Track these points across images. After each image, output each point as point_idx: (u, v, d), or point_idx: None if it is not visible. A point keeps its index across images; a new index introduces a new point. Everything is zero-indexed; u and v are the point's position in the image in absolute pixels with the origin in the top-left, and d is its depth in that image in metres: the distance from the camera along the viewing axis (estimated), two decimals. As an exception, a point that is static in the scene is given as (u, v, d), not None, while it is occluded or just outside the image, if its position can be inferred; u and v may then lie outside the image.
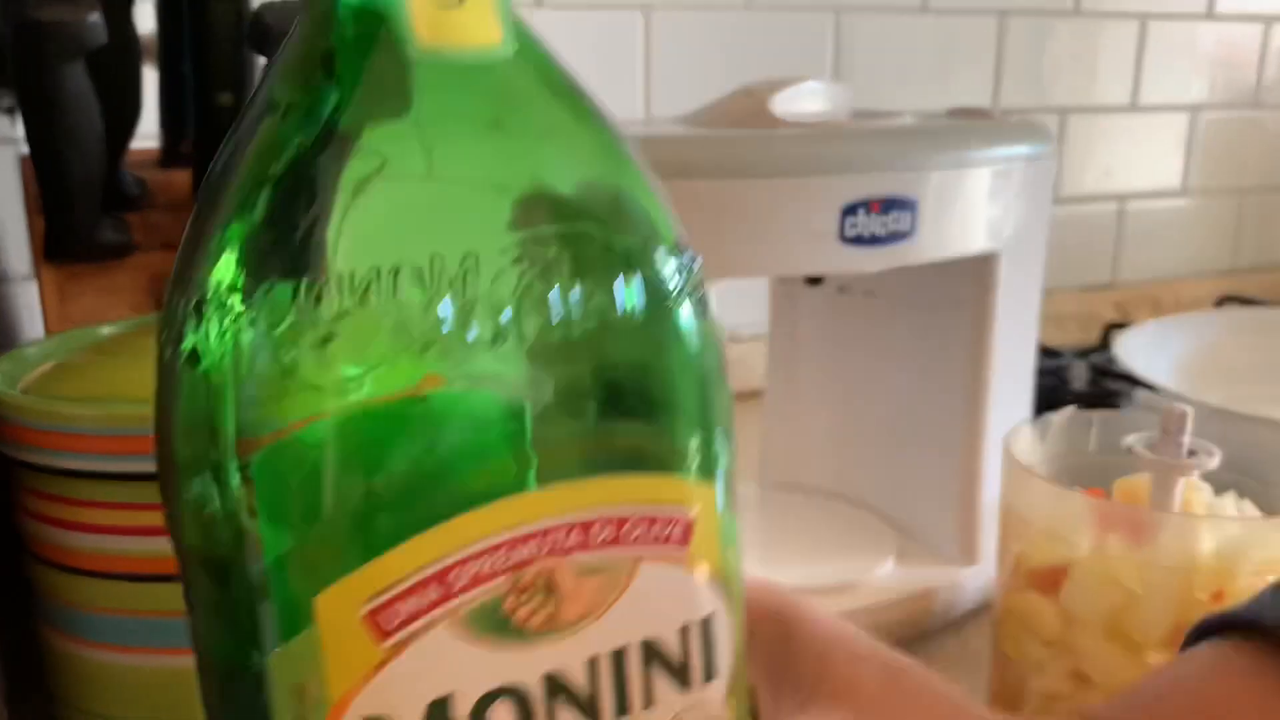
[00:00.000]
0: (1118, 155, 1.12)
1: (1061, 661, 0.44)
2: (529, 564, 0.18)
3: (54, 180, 0.49)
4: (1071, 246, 1.10)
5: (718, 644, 0.20)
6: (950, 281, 0.54)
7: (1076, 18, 1.05)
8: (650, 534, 0.19)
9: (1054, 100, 1.06)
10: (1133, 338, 0.84)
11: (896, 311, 0.58)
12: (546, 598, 0.18)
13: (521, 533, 0.17)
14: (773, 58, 0.94)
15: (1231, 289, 1.14)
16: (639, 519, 0.18)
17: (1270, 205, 1.23)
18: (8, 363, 0.42)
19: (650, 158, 0.46)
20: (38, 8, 0.45)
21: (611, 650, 0.19)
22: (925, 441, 0.57)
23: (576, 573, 0.18)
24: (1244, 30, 1.15)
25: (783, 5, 0.94)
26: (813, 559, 0.55)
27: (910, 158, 0.48)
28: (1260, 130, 1.20)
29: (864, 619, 0.51)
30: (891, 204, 0.47)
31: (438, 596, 0.17)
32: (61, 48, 0.46)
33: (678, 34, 0.93)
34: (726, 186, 0.44)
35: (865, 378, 0.61)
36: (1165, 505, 0.43)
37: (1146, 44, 1.09)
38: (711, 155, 0.45)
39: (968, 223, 0.50)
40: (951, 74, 1.01)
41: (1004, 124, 0.54)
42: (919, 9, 0.99)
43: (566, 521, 0.18)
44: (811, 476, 0.64)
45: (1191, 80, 1.13)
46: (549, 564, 0.18)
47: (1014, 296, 0.53)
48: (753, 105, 0.48)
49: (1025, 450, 0.48)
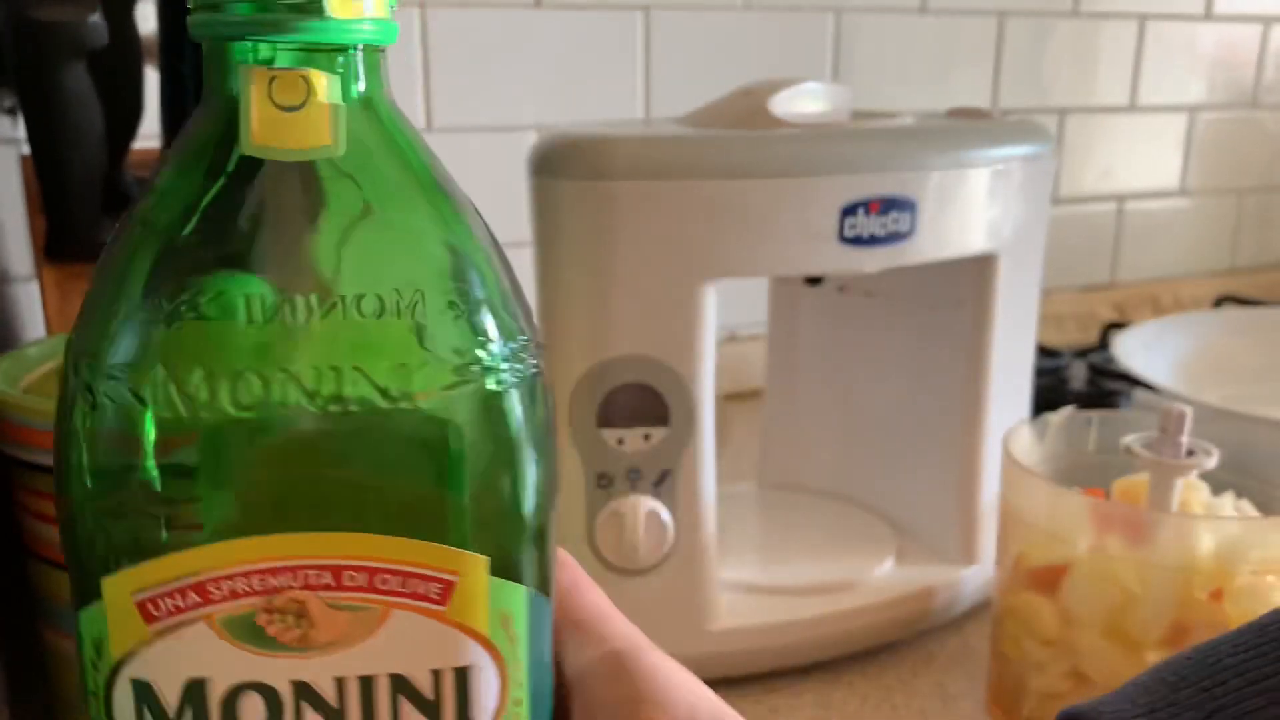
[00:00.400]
0: (1116, 155, 1.12)
1: (1061, 661, 0.44)
2: (281, 591, 0.20)
3: (55, 180, 0.49)
4: (1070, 247, 1.10)
5: (476, 694, 0.22)
6: (949, 282, 0.54)
7: (1075, 18, 1.05)
8: (404, 588, 0.21)
9: (1053, 101, 1.07)
10: (1131, 338, 0.84)
11: (896, 312, 0.58)
12: (298, 620, 0.20)
13: (275, 566, 0.20)
14: (772, 58, 0.95)
15: (1230, 289, 1.14)
16: (392, 573, 0.21)
17: (1268, 205, 1.23)
18: (8, 363, 0.42)
19: (650, 158, 0.46)
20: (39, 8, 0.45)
21: (359, 675, 0.21)
22: (924, 441, 0.57)
23: (328, 606, 0.21)
24: (1242, 31, 1.15)
25: (782, 5, 0.95)
26: (812, 558, 0.56)
27: (909, 158, 0.48)
28: (1258, 130, 1.20)
29: (864, 618, 0.51)
30: (891, 204, 0.47)
31: (196, 601, 0.20)
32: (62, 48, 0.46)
33: (677, 34, 0.93)
34: (726, 186, 0.45)
35: (864, 377, 0.61)
36: (1163, 505, 0.43)
37: (1145, 44, 1.09)
38: (711, 155, 0.45)
39: (967, 223, 0.50)
40: (951, 74, 1.01)
41: (1003, 124, 0.54)
42: (918, 9, 0.99)
43: (319, 564, 0.20)
44: (811, 476, 0.64)
45: (1190, 81, 1.14)
46: (300, 595, 0.20)
47: (1013, 296, 0.53)
48: (752, 105, 0.49)
49: (1024, 450, 0.48)
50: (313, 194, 0.21)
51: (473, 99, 0.90)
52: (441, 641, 0.21)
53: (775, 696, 0.49)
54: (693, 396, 0.45)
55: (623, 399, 0.45)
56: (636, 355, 0.45)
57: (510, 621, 0.22)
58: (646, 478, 0.46)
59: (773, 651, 0.50)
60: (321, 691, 0.21)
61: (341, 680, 0.21)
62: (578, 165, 0.44)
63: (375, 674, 0.21)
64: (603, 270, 0.44)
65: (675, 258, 0.44)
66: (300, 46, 0.21)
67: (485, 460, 0.22)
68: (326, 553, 0.20)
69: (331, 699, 0.21)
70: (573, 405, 0.45)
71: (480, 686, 0.22)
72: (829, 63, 0.96)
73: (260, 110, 0.21)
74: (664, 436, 0.46)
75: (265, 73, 0.21)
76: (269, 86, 0.21)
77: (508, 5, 0.89)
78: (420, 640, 0.21)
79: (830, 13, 0.96)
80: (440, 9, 0.87)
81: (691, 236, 0.44)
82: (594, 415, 0.45)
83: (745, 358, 0.83)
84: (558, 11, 0.90)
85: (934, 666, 0.52)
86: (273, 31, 0.21)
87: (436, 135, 0.90)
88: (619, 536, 0.46)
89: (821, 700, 0.49)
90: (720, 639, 0.48)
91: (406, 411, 0.21)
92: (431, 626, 0.21)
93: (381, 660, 0.21)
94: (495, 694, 0.22)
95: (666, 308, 0.45)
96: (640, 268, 0.44)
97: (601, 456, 0.46)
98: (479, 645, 0.22)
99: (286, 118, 0.21)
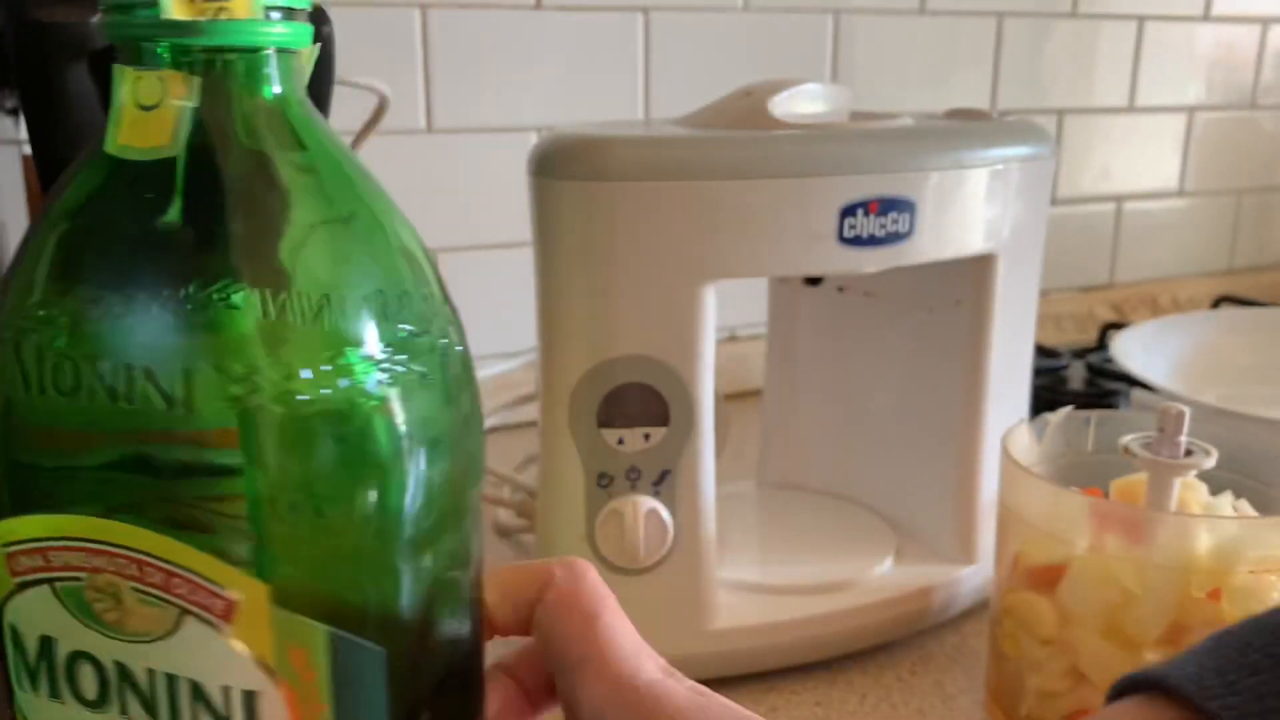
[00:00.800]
0: (1115, 156, 1.12)
1: (1059, 660, 0.44)
2: (101, 572, 0.21)
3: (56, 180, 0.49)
4: (1069, 247, 1.10)
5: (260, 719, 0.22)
6: (948, 282, 0.54)
7: (1074, 19, 1.05)
8: (193, 597, 0.21)
9: (1052, 101, 1.07)
10: (1130, 338, 0.84)
11: (895, 311, 0.58)
12: (116, 604, 0.22)
13: (96, 547, 0.21)
14: (772, 59, 0.95)
15: (1228, 289, 1.14)
16: (183, 579, 0.21)
17: (1267, 205, 1.23)
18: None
19: (650, 159, 0.46)
20: (41, 9, 0.45)
21: (165, 672, 0.22)
22: (923, 441, 0.58)
23: (137, 597, 0.21)
24: (1241, 31, 1.15)
25: (781, 7, 0.95)
26: (811, 557, 0.56)
27: (908, 159, 0.48)
28: (1257, 131, 1.20)
29: (862, 617, 0.52)
30: (890, 205, 0.47)
31: (40, 565, 0.22)
32: (64, 49, 0.46)
33: (677, 35, 0.93)
34: (726, 187, 0.45)
35: (864, 377, 0.61)
36: (1162, 505, 0.43)
37: (1144, 45, 1.10)
38: (711, 156, 0.45)
39: (966, 223, 0.51)
40: (950, 75, 1.01)
41: (1002, 125, 0.54)
42: (917, 10, 0.99)
43: (127, 554, 0.21)
44: (810, 476, 0.64)
45: (1188, 81, 1.14)
46: (115, 580, 0.21)
47: (1012, 297, 0.53)
48: (752, 106, 0.49)
49: (1022, 449, 0.48)
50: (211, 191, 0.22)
51: (473, 100, 0.90)
52: (227, 659, 0.22)
53: (775, 695, 0.49)
54: (692, 396, 0.46)
55: (623, 399, 0.45)
56: (637, 355, 0.45)
57: (305, 657, 0.22)
58: (646, 477, 0.46)
59: (772, 650, 0.50)
60: (138, 679, 0.22)
61: (152, 673, 0.22)
62: (577, 166, 0.44)
63: (178, 675, 0.22)
64: (603, 271, 0.44)
65: (675, 258, 0.44)
66: (210, 49, 0.21)
67: (294, 483, 0.21)
68: (135, 544, 0.21)
69: (145, 688, 0.22)
70: (573, 405, 0.46)
71: (268, 717, 0.22)
72: (828, 64, 0.96)
73: (127, 110, 0.21)
74: (664, 436, 0.46)
75: (133, 73, 0.21)
76: (135, 87, 0.21)
77: (508, 6, 0.89)
78: (210, 653, 0.21)
79: (829, 14, 0.96)
80: (441, 10, 0.87)
81: (691, 237, 0.44)
82: (594, 415, 0.45)
83: (745, 358, 0.83)
84: (558, 13, 0.90)
85: (933, 665, 0.52)
86: (180, 35, 0.21)
87: (437, 136, 0.90)
88: (619, 536, 0.46)
89: (820, 699, 0.49)
90: (719, 638, 0.48)
91: (198, 416, 0.21)
92: (219, 642, 0.21)
93: (181, 663, 0.22)
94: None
95: (666, 308, 0.45)
96: (640, 268, 0.44)
97: (602, 456, 0.46)
98: (263, 673, 0.22)
99: (144, 117, 0.21)
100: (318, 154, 0.23)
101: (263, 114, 0.22)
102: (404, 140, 0.89)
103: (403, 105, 0.88)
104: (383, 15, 0.86)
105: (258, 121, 0.22)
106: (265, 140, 0.22)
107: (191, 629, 0.21)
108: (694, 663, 0.50)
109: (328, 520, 0.22)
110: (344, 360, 0.21)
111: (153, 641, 0.22)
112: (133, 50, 0.21)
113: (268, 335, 0.21)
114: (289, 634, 0.22)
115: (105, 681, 0.22)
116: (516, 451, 0.79)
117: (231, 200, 0.22)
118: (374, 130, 0.67)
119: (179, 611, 0.21)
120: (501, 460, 0.75)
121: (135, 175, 0.21)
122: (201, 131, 0.21)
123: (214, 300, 0.21)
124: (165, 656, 0.22)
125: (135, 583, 0.21)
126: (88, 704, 0.22)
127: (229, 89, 0.22)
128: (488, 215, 0.93)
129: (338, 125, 0.61)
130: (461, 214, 0.92)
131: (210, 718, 0.22)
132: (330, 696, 0.22)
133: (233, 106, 0.22)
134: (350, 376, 0.21)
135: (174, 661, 0.22)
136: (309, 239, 0.22)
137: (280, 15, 0.22)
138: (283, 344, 0.21)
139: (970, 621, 0.55)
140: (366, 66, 0.66)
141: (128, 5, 0.21)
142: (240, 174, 0.22)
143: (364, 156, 0.78)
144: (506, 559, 0.63)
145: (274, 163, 0.22)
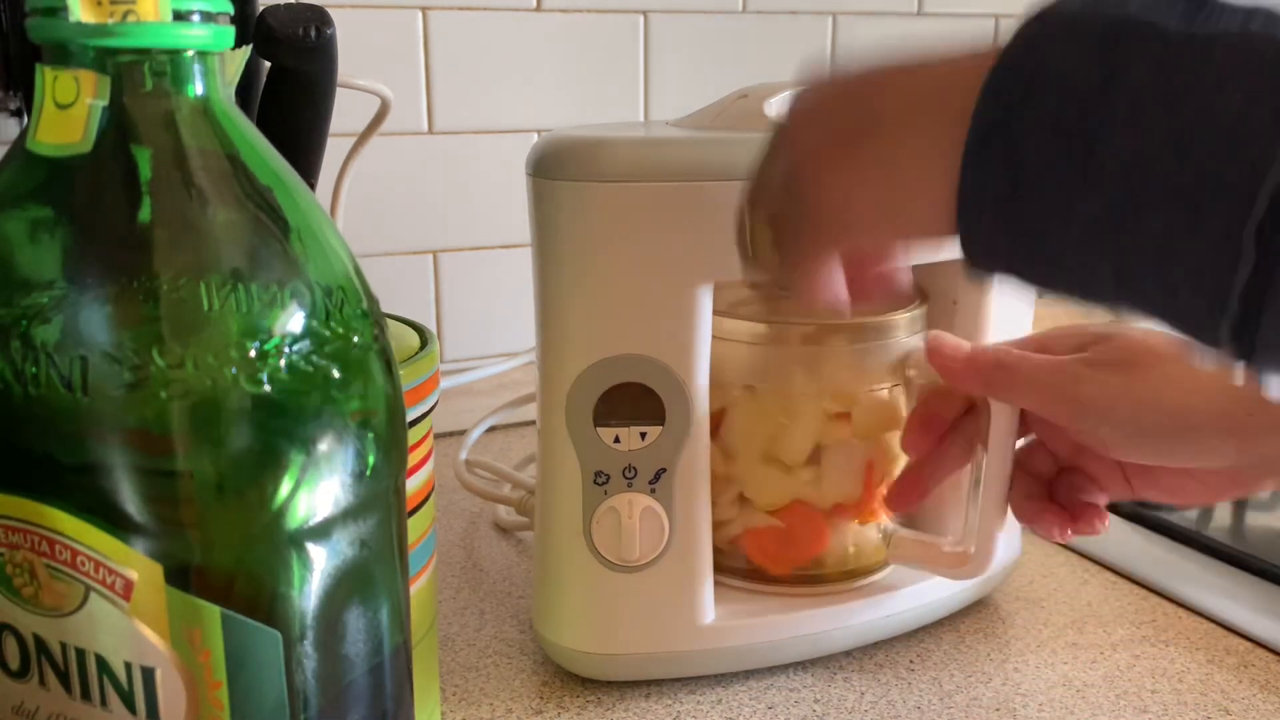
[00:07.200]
0: (1115, 157, 1.12)
1: (727, 492, 0.51)
2: (18, 549, 0.23)
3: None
4: (1069, 248, 1.11)
5: (160, 696, 0.23)
6: (945, 282, 0.54)
7: (1073, 20, 1.06)
8: (96, 575, 0.22)
9: (1051, 102, 1.07)
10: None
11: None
12: (31, 579, 0.23)
13: (15, 525, 0.23)
14: (771, 61, 0.95)
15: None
16: (87, 557, 0.22)
17: (1267, 207, 1.23)
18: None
19: (646, 160, 0.46)
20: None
21: (77, 646, 0.23)
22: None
23: (49, 573, 0.23)
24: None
25: (780, 9, 0.95)
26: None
27: (904, 160, 0.49)
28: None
29: (860, 615, 0.52)
30: (886, 205, 0.48)
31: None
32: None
33: (676, 37, 0.94)
34: (724, 189, 0.45)
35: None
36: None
37: (1143, 46, 1.10)
38: (707, 158, 0.45)
39: (961, 224, 0.51)
40: (949, 76, 1.02)
41: (998, 126, 0.54)
42: (915, 12, 1.00)
43: (41, 532, 0.22)
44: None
45: (1188, 82, 1.14)
46: (31, 556, 0.23)
47: (1009, 297, 0.53)
48: (748, 108, 0.49)
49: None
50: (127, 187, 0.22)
51: (473, 101, 0.91)
52: (128, 636, 0.23)
53: (773, 693, 0.49)
54: (688, 396, 0.46)
55: (619, 398, 0.46)
56: (633, 355, 0.45)
57: (200, 636, 0.23)
58: (643, 475, 0.46)
59: (769, 648, 0.50)
60: (53, 651, 0.23)
61: (65, 646, 0.23)
62: (574, 167, 0.44)
63: (86, 649, 0.23)
64: (600, 271, 0.45)
65: (671, 259, 0.45)
66: (119, 50, 0.22)
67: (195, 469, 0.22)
68: (47, 524, 0.22)
69: (59, 661, 0.23)
70: (570, 404, 0.46)
71: (166, 693, 0.23)
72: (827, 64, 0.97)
73: (46, 108, 0.22)
74: (660, 435, 0.46)
75: (51, 73, 0.22)
76: (53, 86, 0.22)
77: (509, 9, 0.90)
78: (113, 629, 0.23)
79: (828, 16, 0.97)
80: (442, 12, 0.88)
81: (687, 238, 0.45)
82: (591, 414, 0.46)
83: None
84: (558, 15, 0.91)
85: (930, 663, 0.52)
86: (88, 36, 0.21)
87: (437, 138, 0.91)
88: (615, 533, 0.46)
89: (819, 696, 0.49)
90: (716, 635, 0.49)
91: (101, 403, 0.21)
92: (120, 619, 0.23)
93: (89, 638, 0.23)
94: (183, 706, 0.23)
95: (663, 309, 0.45)
96: (637, 269, 0.45)
97: (598, 454, 0.46)
98: (166, 651, 0.23)
99: (60, 115, 0.22)
100: (237, 151, 0.24)
101: (183, 112, 0.23)
102: (405, 141, 0.90)
103: (404, 107, 0.88)
104: (384, 18, 0.86)
105: (177, 120, 0.23)
106: (183, 137, 0.23)
107: (97, 605, 0.23)
108: (689, 660, 0.50)
109: (224, 504, 0.23)
110: (253, 351, 0.22)
111: (64, 616, 0.23)
112: (52, 51, 0.22)
113: (176, 325, 0.22)
114: (184, 613, 0.23)
115: (26, 653, 0.24)
116: (517, 450, 0.79)
117: (143, 195, 0.22)
118: (376, 131, 0.68)
119: (84, 588, 0.22)
120: (501, 459, 0.75)
121: (51, 171, 0.22)
122: (116, 129, 0.22)
123: (123, 292, 0.21)
124: (76, 631, 0.23)
125: (48, 559, 0.22)
126: (11, 674, 0.24)
127: (144, 89, 0.22)
128: (488, 216, 0.93)
129: (340, 127, 0.61)
130: (462, 214, 0.93)
131: (115, 691, 0.23)
132: (225, 675, 0.23)
133: (148, 105, 0.22)
134: (258, 367, 0.22)
135: (83, 636, 0.23)
136: (223, 234, 0.23)
137: (199, 18, 0.22)
138: (191, 334, 0.22)
139: (968, 620, 0.56)
140: (368, 69, 0.66)
141: (46, 8, 0.22)
142: (154, 170, 0.22)
143: (366, 157, 0.79)
144: (507, 557, 0.63)
145: (191, 159, 0.23)
